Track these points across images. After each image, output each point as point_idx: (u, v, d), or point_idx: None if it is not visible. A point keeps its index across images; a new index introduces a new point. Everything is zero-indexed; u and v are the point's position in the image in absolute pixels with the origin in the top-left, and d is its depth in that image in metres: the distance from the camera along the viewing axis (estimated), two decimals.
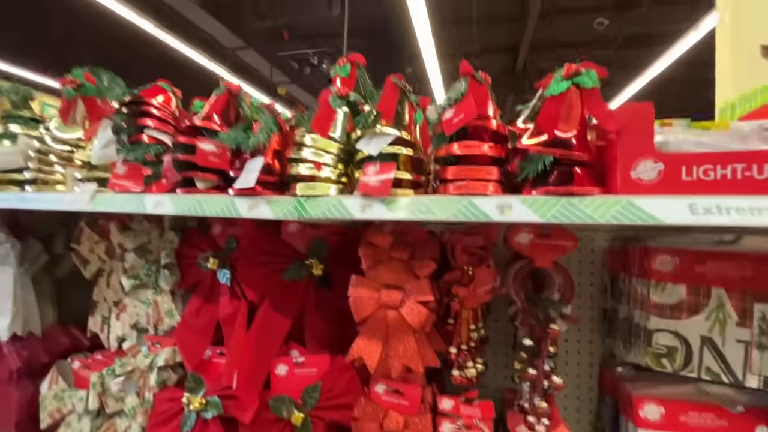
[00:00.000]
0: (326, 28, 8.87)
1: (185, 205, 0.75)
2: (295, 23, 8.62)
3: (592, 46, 8.05)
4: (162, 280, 0.96)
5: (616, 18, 7.08)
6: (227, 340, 0.91)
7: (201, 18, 6.51)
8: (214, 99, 0.84)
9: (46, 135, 0.93)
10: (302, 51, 9.31)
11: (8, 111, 0.98)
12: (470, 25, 7.41)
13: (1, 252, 1.13)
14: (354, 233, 0.99)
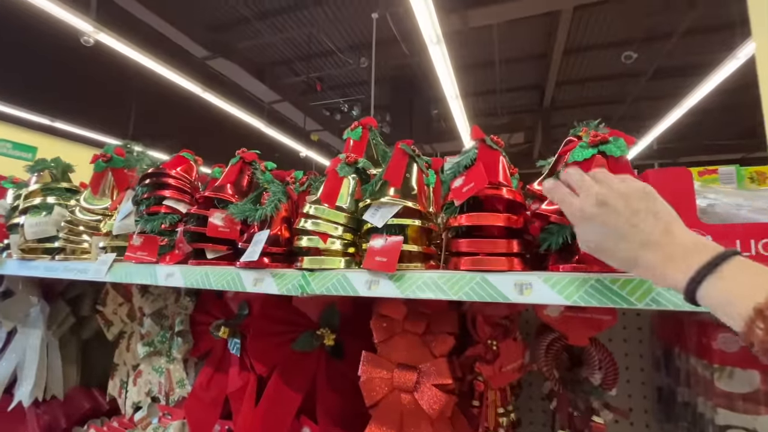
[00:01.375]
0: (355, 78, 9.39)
1: (194, 278, 0.74)
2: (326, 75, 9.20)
3: (621, 79, 7.94)
4: (175, 348, 0.95)
5: (644, 50, 6.98)
6: (236, 416, 0.86)
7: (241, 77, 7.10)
8: (229, 168, 0.86)
9: (77, 206, 0.98)
10: (334, 100, 9.86)
11: (48, 184, 1.05)
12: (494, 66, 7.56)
13: (32, 315, 1.18)
14: (367, 299, 0.93)
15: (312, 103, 9.55)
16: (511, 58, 7.37)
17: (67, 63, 6.07)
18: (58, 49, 5.60)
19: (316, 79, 9.22)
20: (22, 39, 5.75)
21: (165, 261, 0.81)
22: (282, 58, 8.12)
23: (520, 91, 9.81)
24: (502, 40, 6.58)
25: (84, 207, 0.98)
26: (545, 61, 7.61)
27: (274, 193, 0.75)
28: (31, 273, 0.96)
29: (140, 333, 1.03)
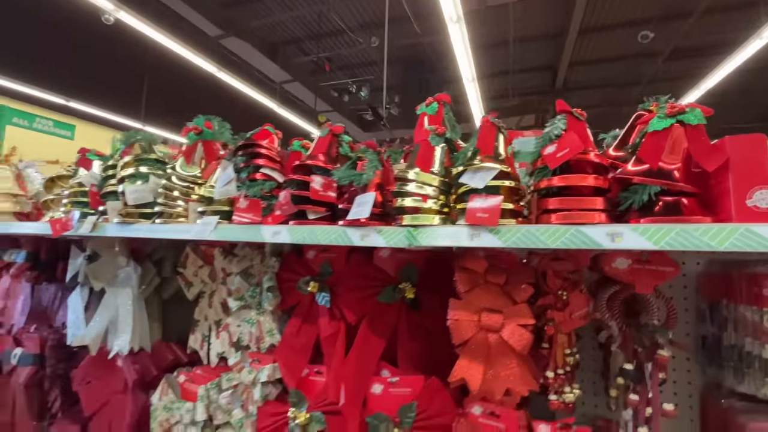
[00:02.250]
0: (364, 58, 9.30)
1: (301, 235, 0.85)
2: (335, 56, 9.12)
3: (637, 59, 7.83)
4: (265, 302, 1.06)
5: (662, 30, 6.85)
6: (328, 358, 0.98)
7: (253, 56, 7.07)
8: (319, 140, 0.95)
9: (172, 174, 1.08)
10: (343, 81, 9.79)
11: (139, 155, 1.15)
12: (507, 46, 7.46)
13: (120, 276, 1.30)
14: (440, 259, 1.04)
15: (321, 83, 9.49)
16: (525, 37, 7.27)
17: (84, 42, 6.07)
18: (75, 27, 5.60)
19: (325, 59, 9.15)
20: (42, 17, 5.73)
21: (267, 222, 0.92)
22: (292, 37, 8.05)
23: (533, 72, 9.70)
24: (517, 18, 6.49)
25: (179, 174, 1.08)
26: (560, 41, 7.50)
27: (370, 161, 0.84)
28: (133, 234, 1.07)
29: (228, 290, 1.15)
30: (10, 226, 1.32)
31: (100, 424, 1.31)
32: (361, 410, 0.93)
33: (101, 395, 1.32)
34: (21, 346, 1.57)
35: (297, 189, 0.89)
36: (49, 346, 1.49)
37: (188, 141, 1.08)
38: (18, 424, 1.52)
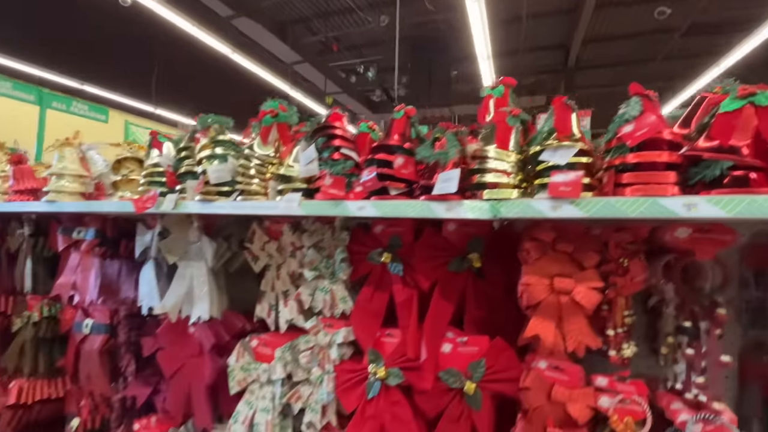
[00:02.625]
0: (372, 38, 9.16)
1: (386, 209, 0.93)
2: (343, 35, 8.99)
3: (653, 36, 7.66)
4: (339, 272, 1.16)
5: (679, 5, 6.67)
6: (403, 321, 1.08)
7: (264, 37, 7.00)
8: (396, 121, 1.02)
9: (249, 155, 1.16)
10: (350, 61, 9.68)
11: (214, 137, 1.22)
12: (520, 23, 7.33)
13: (195, 249, 1.40)
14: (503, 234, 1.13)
15: (330, 63, 9.40)
16: (539, 12, 7.12)
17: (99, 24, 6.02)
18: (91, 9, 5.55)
19: (333, 39, 9.02)
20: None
21: (349, 198, 1.00)
22: (300, 16, 7.93)
23: (544, 51, 9.53)
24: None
25: (255, 155, 1.16)
26: (574, 17, 7.34)
27: (450, 140, 0.92)
28: (217, 211, 1.16)
29: (300, 262, 1.25)
30: (92, 204, 1.41)
31: (179, 384, 1.44)
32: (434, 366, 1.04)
33: (177, 359, 1.44)
34: (90, 317, 1.70)
35: (377, 167, 0.97)
36: (123, 316, 1.61)
37: (264, 123, 1.16)
38: (95, 386, 1.66)
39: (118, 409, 1.60)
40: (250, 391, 1.30)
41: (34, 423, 1.87)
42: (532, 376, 0.94)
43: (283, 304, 1.34)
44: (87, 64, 6.78)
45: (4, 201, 1.75)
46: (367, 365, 1.09)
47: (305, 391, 1.19)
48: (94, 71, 6.86)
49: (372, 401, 1.05)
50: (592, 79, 9.54)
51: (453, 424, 1.01)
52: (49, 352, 1.89)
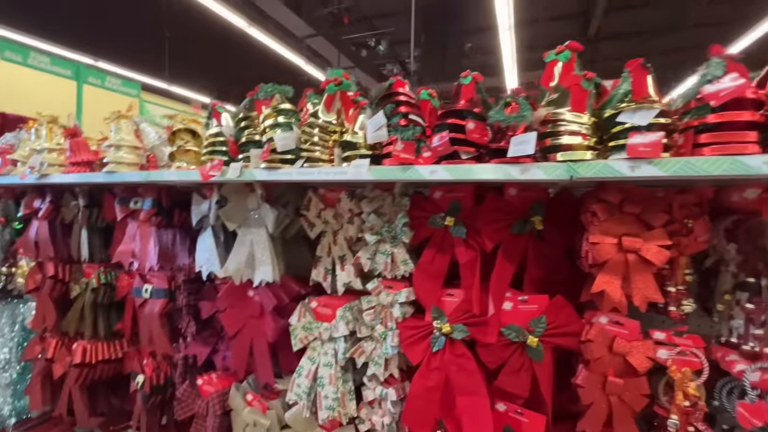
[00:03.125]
0: (384, 9, 8.90)
1: (458, 173, 0.97)
2: (354, 6, 8.75)
3: (679, 2, 7.32)
4: (402, 236, 1.21)
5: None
6: (466, 280, 1.14)
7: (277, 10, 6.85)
8: (464, 86, 1.04)
9: (313, 122, 1.20)
10: (362, 34, 9.46)
11: (276, 106, 1.26)
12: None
13: (256, 216, 1.46)
14: (559, 196, 1.17)
15: (343, 37, 9.20)
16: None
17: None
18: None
19: (344, 11, 8.79)
20: None
21: (419, 162, 1.04)
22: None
23: (563, 21, 9.20)
24: None
25: (319, 123, 1.20)
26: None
27: (523, 105, 0.94)
28: (283, 178, 1.21)
29: (359, 228, 1.31)
30: (160, 174, 1.47)
31: (241, 342, 1.54)
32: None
33: (239, 320, 1.54)
34: (149, 282, 1.79)
35: (450, 132, 1.00)
36: (181, 281, 1.70)
37: (328, 91, 1.19)
38: (157, 346, 1.77)
39: (180, 366, 1.72)
40: (311, 348, 1.39)
41: (98, 380, 2.01)
42: (594, 330, 1.00)
43: (339, 268, 1.41)
44: (100, 39, 6.75)
45: (61, 173, 1.82)
46: (431, 322, 1.16)
47: (368, 346, 1.27)
48: (109, 47, 6.83)
49: (437, 354, 1.13)
50: (614, 49, 9.20)
51: (514, 375, 1.09)
52: (107, 316, 2.01)
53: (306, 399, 1.35)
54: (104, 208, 1.97)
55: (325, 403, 1.31)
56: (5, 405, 2.16)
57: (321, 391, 1.32)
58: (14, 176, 1.94)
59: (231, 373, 1.69)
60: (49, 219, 2.04)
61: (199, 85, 8.46)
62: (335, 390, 1.30)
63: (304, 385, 1.36)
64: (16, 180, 1.90)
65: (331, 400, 1.30)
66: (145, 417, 1.77)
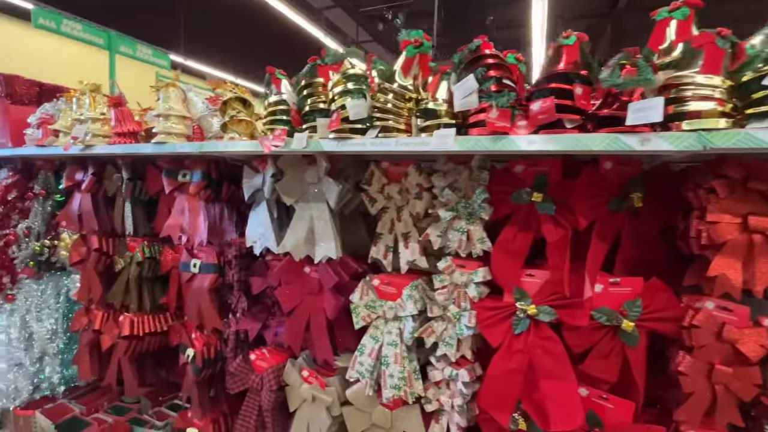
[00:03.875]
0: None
1: (564, 143, 0.89)
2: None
3: None
4: (481, 212, 1.14)
5: None
6: (553, 260, 1.07)
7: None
8: (568, 47, 0.94)
9: (387, 88, 1.11)
10: (378, 6, 9.10)
11: (345, 72, 1.17)
12: None
13: (315, 191, 1.40)
14: (656, 171, 1.08)
15: (360, 9, 8.87)
16: None
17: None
18: None
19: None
20: None
21: (514, 132, 0.96)
22: None
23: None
24: None
25: (394, 89, 1.11)
26: None
27: (642, 67, 0.84)
28: (355, 149, 1.14)
29: (426, 204, 1.24)
30: (215, 145, 1.41)
31: (297, 319, 1.51)
32: None
33: (296, 296, 1.50)
34: (196, 257, 1.77)
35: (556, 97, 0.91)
36: (233, 256, 1.67)
37: (407, 54, 1.09)
38: (206, 321, 1.76)
39: (232, 342, 1.71)
40: (374, 326, 1.35)
41: (145, 353, 2.03)
42: (701, 315, 0.93)
43: (403, 245, 1.35)
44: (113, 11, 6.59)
45: (105, 144, 1.77)
46: (512, 303, 1.11)
47: (438, 326, 1.23)
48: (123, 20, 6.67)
49: (520, 336, 1.07)
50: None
51: (603, 360, 1.03)
52: (151, 289, 2.01)
53: (369, 377, 1.32)
54: (147, 181, 1.93)
55: (390, 382, 1.28)
56: (54, 373, 2.20)
57: (386, 369, 1.29)
58: (57, 147, 1.90)
59: (283, 348, 1.67)
60: (91, 191, 2.01)
61: (216, 60, 8.29)
62: (401, 369, 1.27)
63: (367, 363, 1.33)
64: (59, 151, 1.86)
65: (397, 379, 1.27)
66: (196, 389, 1.78)
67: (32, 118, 2.03)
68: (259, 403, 1.63)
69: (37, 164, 2.27)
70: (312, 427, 1.50)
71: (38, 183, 2.24)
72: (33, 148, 1.97)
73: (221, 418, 1.84)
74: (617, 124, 0.87)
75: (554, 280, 1.06)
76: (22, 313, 2.17)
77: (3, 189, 2.15)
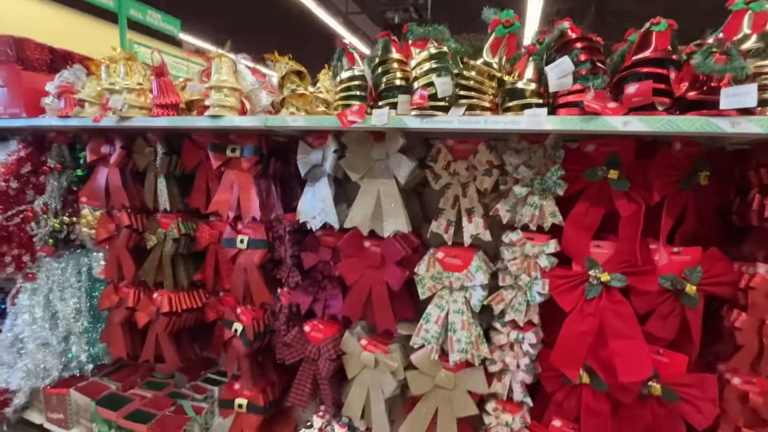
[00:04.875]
0: None
1: (656, 124, 0.97)
2: None
3: None
4: (556, 188, 1.22)
5: None
6: (625, 232, 1.17)
7: None
8: (659, 33, 1.01)
9: (473, 66, 1.14)
10: None
11: (430, 49, 1.18)
12: None
13: (381, 166, 1.43)
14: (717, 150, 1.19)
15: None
16: None
17: None
18: None
19: None
20: None
21: (606, 113, 1.02)
22: None
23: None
24: None
25: (480, 67, 1.14)
26: None
27: (733, 55, 0.92)
28: (442, 126, 1.17)
29: (495, 180, 1.31)
30: (283, 119, 1.39)
31: (359, 291, 1.56)
32: None
33: (358, 269, 1.55)
34: (241, 233, 1.76)
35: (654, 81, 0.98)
36: (288, 231, 1.68)
37: (497, 34, 1.12)
38: (255, 296, 1.78)
39: (285, 315, 1.75)
40: (439, 296, 1.43)
41: (183, 328, 2.04)
42: (758, 278, 1.07)
43: (467, 220, 1.42)
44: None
45: (142, 115, 1.70)
46: (583, 271, 1.21)
47: (508, 294, 1.33)
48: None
49: (592, 301, 1.19)
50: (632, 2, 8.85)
51: (663, 320, 1.17)
52: (185, 266, 1.99)
53: (435, 343, 1.42)
54: (183, 156, 1.88)
55: (457, 347, 1.38)
56: (82, 352, 2.17)
57: (453, 335, 1.39)
58: (84, 118, 1.80)
59: (335, 320, 1.74)
60: (119, 166, 1.93)
61: (197, 30, 7.79)
62: (468, 335, 1.37)
63: (433, 330, 1.42)
64: (87, 122, 1.76)
65: (464, 344, 1.37)
66: (246, 362, 1.82)
67: (50, 87, 1.90)
68: (314, 371, 1.70)
69: (49, 136, 2.14)
70: (372, 391, 1.59)
71: (52, 156, 2.11)
72: (54, 119, 1.85)
73: (268, 388, 1.89)
74: (702, 107, 0.96)
75: (624, 250, 1.17)
76: (44, 292, 2.09)
77: (15, 162, 2.02)
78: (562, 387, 1.31)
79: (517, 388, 1.37)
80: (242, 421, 1.87)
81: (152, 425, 1.84)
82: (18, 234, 2.03)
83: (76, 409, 2.04)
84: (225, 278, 1.89)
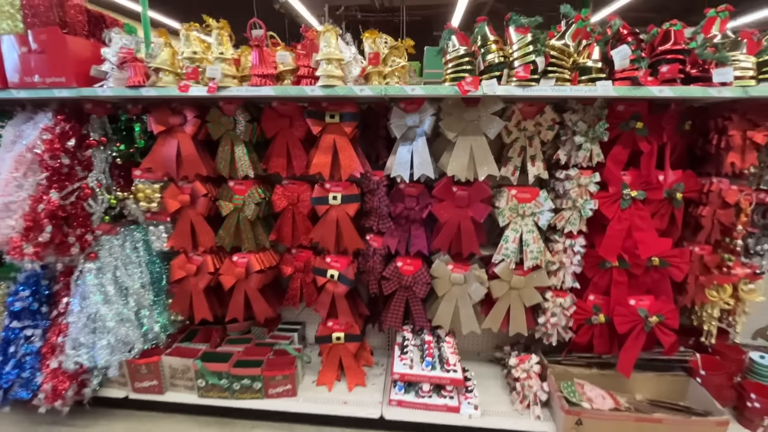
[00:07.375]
0: None
1: (679, 91, 1.55)
2: None
3: None
4: (603, 136, 1.77)
5: None
6: (645, 161, 1.79)
7: None
8: (677, 32, 1.57)
9: (554, 45, 1.57)
10: None
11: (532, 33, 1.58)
12: None
13: (472, 126, 1.83)
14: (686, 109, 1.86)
15: None
16: None
17: None
18: None
19: None
20: None
21: (647, 84, 1.58)
22: None
23: None
24: None
25: (559, 46, 1.60)
26: None
27: (719, 48, 1.53)
28: (537, 93, 1.61)
29: (557, 133, 1.82)
30: (402, 89, 1.66)
31: (450, 227, 1.98)
32: None
33: (450, 209, 1.96)
34: (331, 191, 2.01)
35: (678, 64, 1.55)
36: (382, 185, 1.99)
37: (578, 26, 1.58)
38: (349, 244, 2.08)
39: (379, 255, 2.09)
40: (513, 222, 1.95)
41: (268, 284, 2.24)
42: (713, 186, 1.79)
43: (530, 164, 1.93)
44: None
45: (234, 85, 1.78)
46: (618, 191, 1.82)
47: (567, 213, 1.89)
48: None
49: (626, 211, 1.81)
50: None
51: (661, 218, 1.86)
52: (263, 228, 2.17)
53: (513, 257, 1.95)
54: (263, 123, 1.99)
55: (530, 256, 1.92)
56: (154, 323, 2.21)
57: (527, 248, 1.93)
58: (166, 88, 1.79)
59: (418, 256, 2.14)
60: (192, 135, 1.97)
61: (165, 8, 6.60)
62: (538, 246, 1.92)
63: (512, 247, 1.94)
64: (173, 92, 1.77)
65: (536, 253, 1.92)
66: (343, 301, 2.14)
67: (109, 54, 1.80)
68: (406, 297, 2.12)
69: (86, 108, 2.00)
70: (461, 300, 2.08)
71: (94, 129, 2.01)
72: (127, 90, 1.79)
73: (359, 321, 2.25)
74: (698, 81, 1.57)
75: (640, 176, 1.81)
76: (111, 269, 2.06)
77: (58, 137, 1.89)
78: (598, 271, 1.96)
79: (568, 278, 1.99)
80: (339, 351, 2.22)
81: (265, 367, 2.08)
82: (77, 213, 1.94)
83: (171, 373, 2.14)
84: (302, 235, 2.13)
